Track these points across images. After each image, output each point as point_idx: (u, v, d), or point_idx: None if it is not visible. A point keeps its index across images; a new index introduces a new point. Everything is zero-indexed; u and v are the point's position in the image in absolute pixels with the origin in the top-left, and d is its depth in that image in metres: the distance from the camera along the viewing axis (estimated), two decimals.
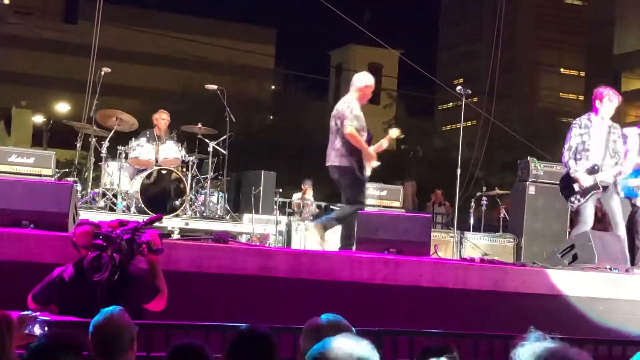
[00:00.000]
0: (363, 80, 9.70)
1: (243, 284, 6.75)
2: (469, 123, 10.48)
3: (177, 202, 11.47)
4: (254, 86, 41.04)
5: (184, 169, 11.85)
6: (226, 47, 39.33)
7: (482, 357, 6.31)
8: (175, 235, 10.86)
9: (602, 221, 9.77)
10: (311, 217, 14.20)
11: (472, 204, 13.73)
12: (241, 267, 6.83)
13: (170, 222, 11.16)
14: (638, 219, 9.75)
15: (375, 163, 9.59)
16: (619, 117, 10.09)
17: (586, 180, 9.30)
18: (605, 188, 9.33)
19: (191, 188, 11.82)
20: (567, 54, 47.42)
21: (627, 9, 45.27)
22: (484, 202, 13.84)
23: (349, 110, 9.42)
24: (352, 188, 9.51)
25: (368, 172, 9.53)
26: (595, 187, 9.32)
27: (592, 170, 9.34)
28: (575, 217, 9.69)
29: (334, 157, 9.49)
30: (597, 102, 9.50)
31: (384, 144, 9.73)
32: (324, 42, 46.66)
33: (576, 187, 9.36)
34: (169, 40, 38.65)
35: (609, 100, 9.43)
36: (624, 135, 9.61)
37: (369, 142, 9.52)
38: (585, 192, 9.35)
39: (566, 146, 9.51)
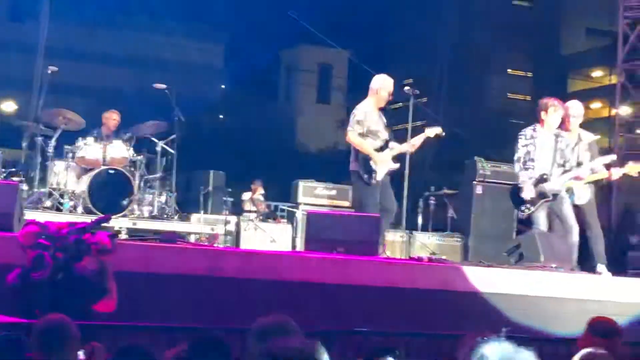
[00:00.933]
0: (377, 83, 9.75)
1: (191, 284, 6.72)
2: (418, 123, 10.51)
3: (125, 202, 11.37)
4: (203, 85, 40.82)
5: (132, 169, 11.75)
6: (176, 46, 39.13)
7: (429, 355, 6.36)
8: (123, 236, 10.77)
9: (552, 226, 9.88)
10: (261, 217, 14.19)
11: (421, 203, 13.80)
12: (189, 268, 6.81)
13: (117, 222, 11.05)
14: (586, 217, 9.87)
15: (393, 165, 9.56)
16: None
17: (528, 192, 9.41)
18: (555, 196, 9.45)
19: (139, 188, 11.73)
20: (515, 55, 47.76)
21: (573, 10, 45.81)
22: (432, 201, 13.91)
23: (352, 116, 9.70)
24: (358, 192, 9.66)
25: (380, 175, 9.49)
26: (544, 195, 9.43)
27: (541, 180, 9.46)
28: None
29: (350, 162, 9.65)
30: (542, 114, 9.59)
31: (414, 143, 9.64)
32: (274, 41, 46.45)
33: (525, 196, 9.47)
34: (118, 39, 38.35)
35: (554, 111, 9.54)
36: None
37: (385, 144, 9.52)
38: (534, 201, 9.46)
39: (515, 157, 9.65)
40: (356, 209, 9.90)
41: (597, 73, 43.07)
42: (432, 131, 9.76)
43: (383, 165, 9.45)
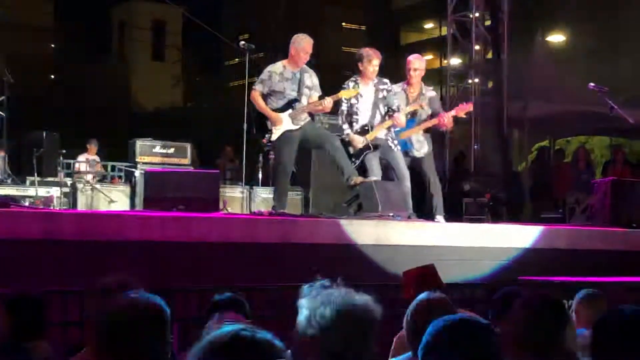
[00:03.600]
0: (292, 42, 9.50)
1: (28, 248, 6.55)
2: (255, 79, 10.51)
3: None
4: (32, 44, 39.58)
5: None
6: (1, 4, 37.71)
7: (273, 307, 6.44)
8: None
9: (387, 173, 10.10)
10: (98, 177, 13.93)
11: (260, 159, 13.83)
12: (24, 232, 6.62)
13: None
14: (424, 168, 10.11)
15: (291, 126, 9.35)
16: (399, 71, 10.42)
17: (357, 142, 9.59)
18: (376, 146, 9.64)
19: None
20: (349, 9, 48.29)
21: None
22: (272, 156, 13.95)
23: (262, 73, 9.47)
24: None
25: (275, 135, 9.35)
26: (367, 147, 9.61)
27: (363, 131, 9.63)
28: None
29: None
30: (359, 65, 9.76)
31: (325, 102, 9.33)
32: None
33: (351, 149, 9.62)
34: None
35: (368, 62, 9.69)
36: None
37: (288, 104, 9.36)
38: (358, 153, 9.63)
39: (339, 111, 9.77)
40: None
41: (428, 25, 43.99)
42: (348, 93, 9.64)
43: (280, 125, 9.35)
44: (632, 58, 19.68)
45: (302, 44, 9.45)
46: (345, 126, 9.73)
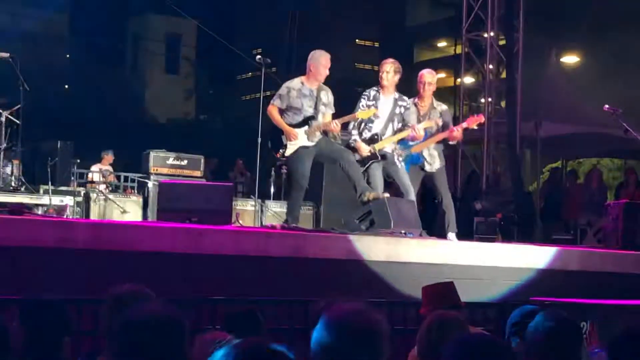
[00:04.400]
0: (309, 58, 9.52)
1: (41, 256, 6.57)
2: (268, 93, 10.54)
3: None
4: (47, 54, 39.72)
5: None
6: (17, 14, 37.88)
7: (283, 321, 6.45)
8: None
9: (391, 186, 10.10)
10: (111, 188, 13.96)
11: (273, 172, 13.86)
12: (38, 239, 6.65)
13: None
14: (437, 184, 10.12)
15: (306, 142, 9.39)
16: (412, 88, 10.44)
17: (364, 150, 9.63)
18: (383, 156, 9.68)
19: None
20: (362, 25, 48.40)
21: None
22: (284, 170, 13.99)
23: (280, 88, 9.48)
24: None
25: (290, 149, 9.39)
26: (373, 156, 9.65)
27: (372, 140, 9.67)
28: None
29: None
30: (380, 76, 9.84)
31: (332, 125, 9.41)
32: (121, 10, 45.58)
33: (356, 156, 9.66)
34: None
35: (386, 72, 9.78)
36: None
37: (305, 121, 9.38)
38: (364, 161, 9.67)
39: None
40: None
41: (442, 43, 44.04)
42: (366, 113, 9.65)
43: (295, 140, 9.38)
44: None
45: (320, 59, 9.49)
46: (355, 132, 9.79)
